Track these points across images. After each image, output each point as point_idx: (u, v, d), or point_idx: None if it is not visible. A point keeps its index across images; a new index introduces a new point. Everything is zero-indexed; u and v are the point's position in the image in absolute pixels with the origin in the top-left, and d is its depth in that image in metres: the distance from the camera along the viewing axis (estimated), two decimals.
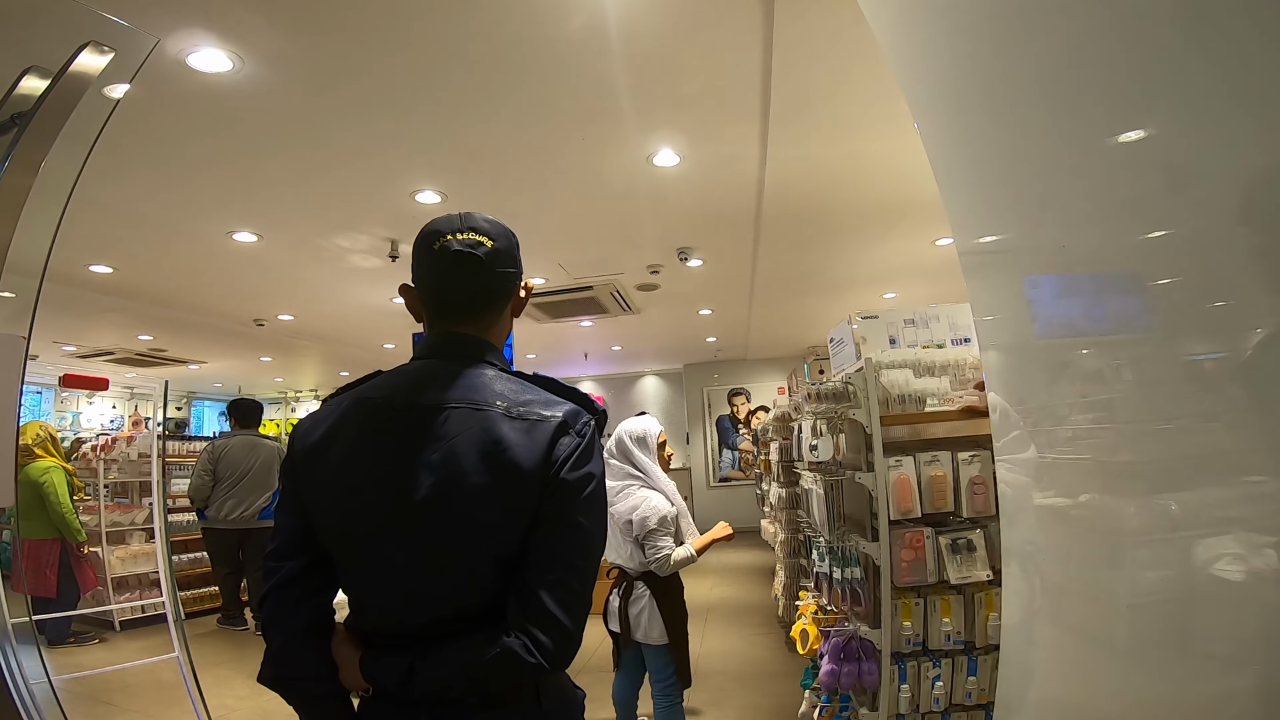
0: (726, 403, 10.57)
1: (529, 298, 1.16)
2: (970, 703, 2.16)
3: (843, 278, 5.96)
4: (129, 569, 4.92)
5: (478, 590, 0.95)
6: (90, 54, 1.42)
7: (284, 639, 0.99)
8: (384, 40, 2.41)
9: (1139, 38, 0.78)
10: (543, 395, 1.02)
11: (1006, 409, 1.19)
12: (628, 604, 2.47)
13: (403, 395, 1.01)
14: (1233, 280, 0.70)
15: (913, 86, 1.33)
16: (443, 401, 0.98)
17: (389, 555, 0.95)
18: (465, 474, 0.93)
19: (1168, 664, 0.85)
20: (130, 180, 3.37)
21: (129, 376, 7.99)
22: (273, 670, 0.98)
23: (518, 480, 0.94)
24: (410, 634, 0.96)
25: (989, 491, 2.10)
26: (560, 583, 0.93)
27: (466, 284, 1.05)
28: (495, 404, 0.98)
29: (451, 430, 0.96)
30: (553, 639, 0.92)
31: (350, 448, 0.99)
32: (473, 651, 0.91)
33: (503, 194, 3.81)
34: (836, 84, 2.80)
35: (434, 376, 1.02)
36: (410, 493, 0.94)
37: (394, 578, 0.96)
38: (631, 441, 2.56)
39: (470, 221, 1.06)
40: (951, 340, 2.54)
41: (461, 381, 1.01)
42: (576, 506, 0.96)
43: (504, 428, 0.96)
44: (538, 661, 0.90)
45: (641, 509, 2.42)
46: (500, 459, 0.94)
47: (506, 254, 1.07)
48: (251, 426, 5.25)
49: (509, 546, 0.95)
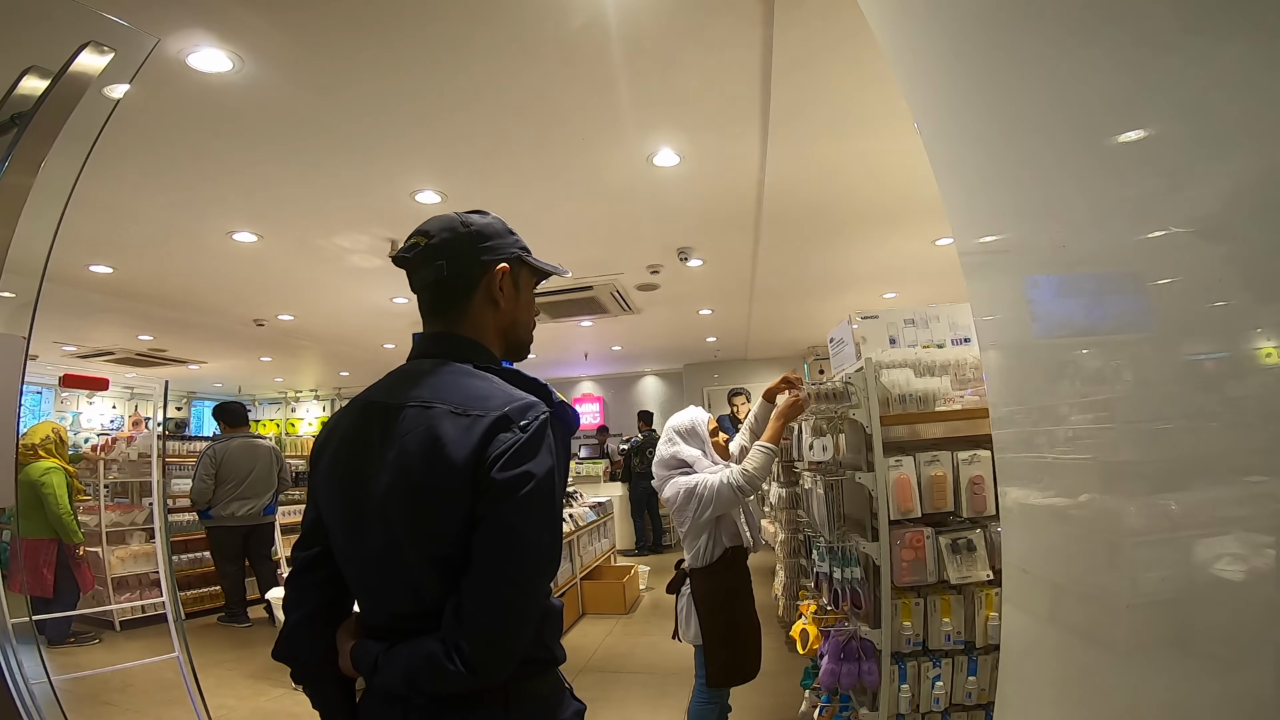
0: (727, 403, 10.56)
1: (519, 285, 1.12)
2: (970, 703, 2.16)
3: (843, 278, 5.96)
4: (129, 569, 4.92)
5: (424, 590, 0.94)
6: (90, 54, 1.42)
7: (293, 622, 1.05)
8: (384, 40, 2.41)
9: (1139, 38, 0.78)
10: (501, 391, 0.98)
11: (1006, 409, 1.19)
12: (677, 599, 2.46)
13: (385, 395, 1.04)
14: (1233, 280, 0.70)
15: (913, 87, 1.33)
16: (404, 400, 1.00)
17: (355, 549, 1.00)
18: (410, 472, 0.94)
19: (1168, 664, 0.85)
20: (130, 180, 3.37)
21: (129, 376, 7.99)
22: (280, 649, 1.05)
23: (450, 478, 0.91)
24: (384, 627, 0.99)
25: (989, 491, 2.10)
26: (487, 589, 0.89)
27: (415, 284, 1.10)
28: (445, 401, 0.97)
29: (404, 429, 0.97)
30: (475, 647, 0.87)
31: (339, 447, 1.04)
32: (411, 651, 0.91)
33: (503, 194, 3.81)
34: (837, 84, 2.79)
35: (410, 376, 1.05)
36: (371, 489, 0.97)
37: (360, 571, 1.01)
38: (681, 435, 2.45)
39: (422, 225, 1.09)
40: (951, 340, 2.54)
41: (428, 380, 1.02)
42: (508, 508, 0.90)
43: (445, 425, 0.94)
44: (457, 669, 0.87)
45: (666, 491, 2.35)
46: (437, 456, 0.92)
47: (442, 246, 1.05)
48: (242, 427, 5.38)
49: (451, 547, 0.92)
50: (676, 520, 2.38)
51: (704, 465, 2.40)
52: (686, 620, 2.40)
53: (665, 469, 2.43)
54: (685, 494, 2.31)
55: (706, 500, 2.27)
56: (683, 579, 2.46)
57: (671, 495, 2.35)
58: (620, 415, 11.43)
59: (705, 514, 2.30)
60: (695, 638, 2.38)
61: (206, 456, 5.07)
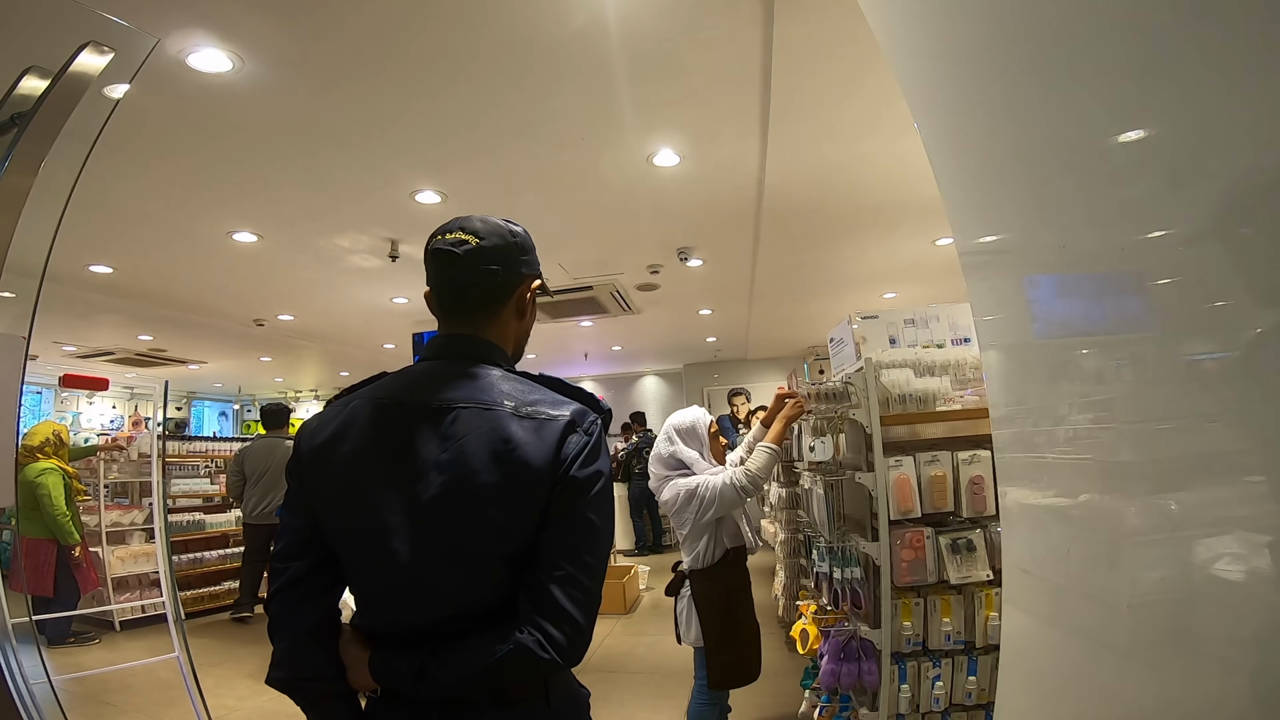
0: (726, 403, 10.55)
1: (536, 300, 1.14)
2: (970, 703, 2.16)
3: (843, 278, 5.96)
4: (129, 569, 4.93)
5: (487, 588, 0.96)
6: (90, 54, 1.42)
7: (291, 640, 0.99)
8: (384, 41, 2.41)
9: (1139, 37, 0.78)
10: (549, 395, 1.03)
11: (1006, 409, 1.19)
12: (675, 601, 2.46)
13: (411, 395, 1.02)
14: (1232, 280, 0.70)
15: (912, 87, 1.33)
16: (451, 402, 0.99)
17: (398, 553, 0.95)
18: (476, 473, 0.94)
19: (1168, 664, 0.85)
20: (130, 180, 3.37)
21: (129, 376, 7.99)
22: (280, 671, 0.98)
23: (528, 478, 0.95)
24: (419, 632, 0.96)
25: (989, 491, 2.10)
26: (571, 578, 0.94)
27: (449, 282, 1.07)
28: (503, 403, 0.99)
29: (460, 430, 0.96)
30: (565, 634, 0.92)
31: (359, 447, 0.99)
32: (486, 649, 0.92)
33: (503, 194, 3.81)
34: (836, 84, 2.80)
35: (441, 377, 1.03)
36: (420, 491, 0.94)
37: (403, 576, 0.96)
38: (680, 435, 2.44)
39: (464, 222, 1.07)
40: (951, 340, 2.53)
41: (468, 382, 1.02)
42: (587, 503, 0.97)
43: (513, 427, 0.97)
44: (551, 657, 0.91)
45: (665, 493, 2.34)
46: (510, 457, 0.95)
47: (494, 252, 1.05)
48: (278, 429, 5.59)
49: (518, 544, 0.96)
50: (676, 522, 2.37)
51: (702, 467, 2.39)
52: (687, 622, 2.40)
53: (664, 468, 2.43)
54: (686, 495, 2.30)
55: (709, 501, 2.27)
56: (681, 581, 2.46)
57: (671, 497, 2.33)
58: (620, 415, 11.38)
59: (707, 515, 2.29)
60: (696, 639, 2.38)
61: (236, 454, 5.44)
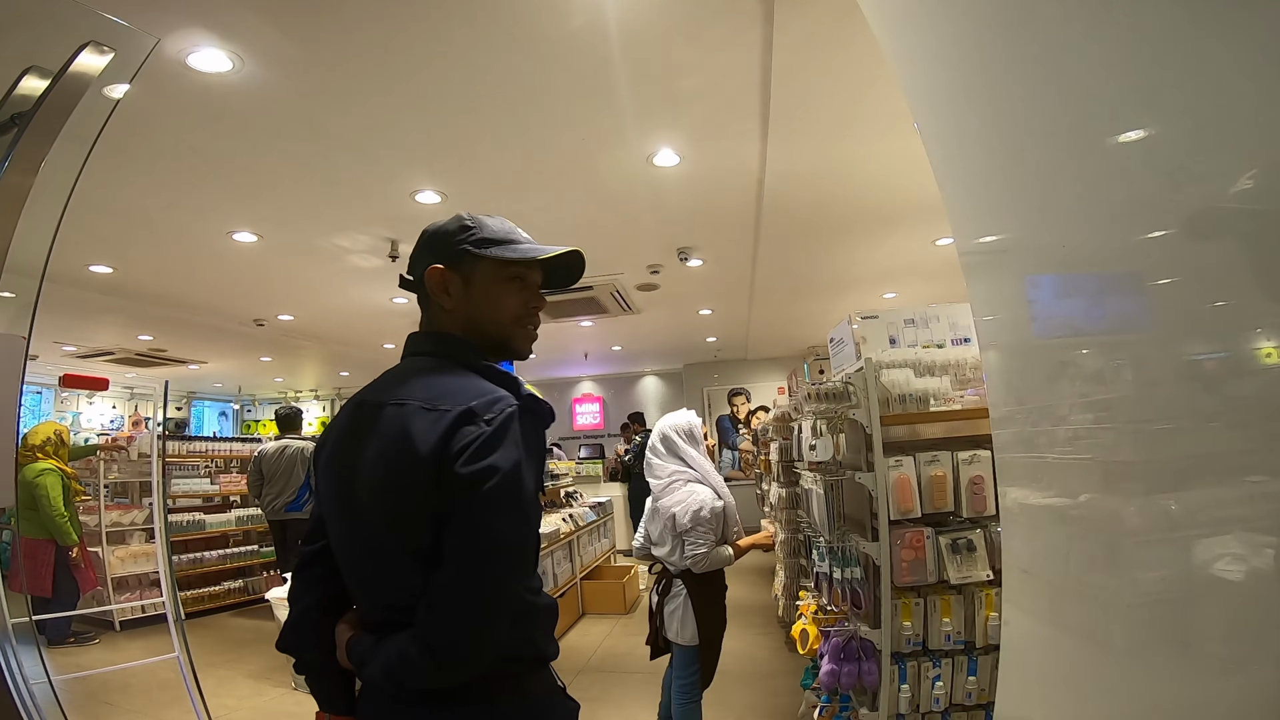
0: (726, 403, 10.57)
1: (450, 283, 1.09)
2: (970, 703, 2.16)
3: (843, 278, 5.96)
4: (129, 569, 4.93)
5: (406, 583, 0.95)
6: (90, 54, 1.42)
7: (295, 614, 1.08)
8: (384, 40, 2.41)
9: (1139, 37, 0.78)
10: (472, 386, 0.99)
11: (1006, 409, 1.19)
12: (664, 601, 2.46)
13: (375, 395, 1.06)
14: (1232, 280, 0.70)
15: (913, 86, 1.33)
16: (385, 399, 1.02)
17: (346, 543, 1.03)
18: (379, 469, 0.96)
19: (1168, 664, 0.84)
20: (130, 180, 3.37)
21: (129, 376, 7.99)
22: (284, 641, 1.09)
23: (415, 472, 0.92)
24: (376, 620, 1.00)
25: (989, 491, 2.10)
26: (454, 585, 0.90)
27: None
28: (418, 398, 0.99)
29: (382, 426, 0.99)
30: (442, 643, 0.88)
31: (335, 442, 1.07)
32: (389, 649, 0.93)
33: (503, 194, 3.81)
34: (836, 83, 2.79)
35: (398, 375, 1.07)
36: (353, 486, 0.99)
37: (352, 565, 1.03)
38: (680, 436, 2.52)
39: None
40: (951, 340, 2.53)
41: (412, 379, 1.04)
42: (473, 503, 0.90)
43: (415, 421, 0.95)
44: (430, 665, 0.88)
45: (686, 503, 2.38)
46: (405, 452, 0.94)
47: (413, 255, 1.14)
48: (291, 431, 5.80)
49: (418, 541, 0.93)
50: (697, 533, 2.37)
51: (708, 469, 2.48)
52: (682, 623, 2.41)
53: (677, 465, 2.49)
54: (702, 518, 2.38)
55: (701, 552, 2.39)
56: (671, 583, 2.47)
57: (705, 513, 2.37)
58: (620, 416, 11.41)
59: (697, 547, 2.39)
60: (691, 639, 2.39)
61: (254, 457, 5.71)
